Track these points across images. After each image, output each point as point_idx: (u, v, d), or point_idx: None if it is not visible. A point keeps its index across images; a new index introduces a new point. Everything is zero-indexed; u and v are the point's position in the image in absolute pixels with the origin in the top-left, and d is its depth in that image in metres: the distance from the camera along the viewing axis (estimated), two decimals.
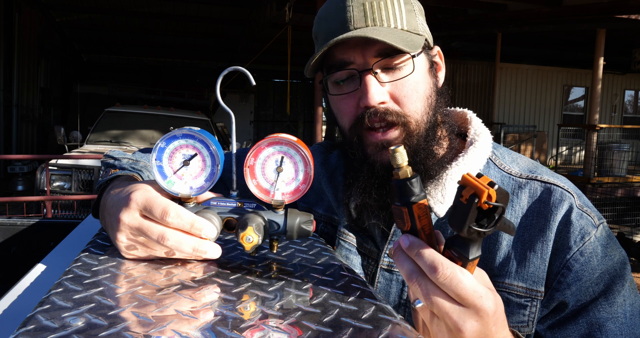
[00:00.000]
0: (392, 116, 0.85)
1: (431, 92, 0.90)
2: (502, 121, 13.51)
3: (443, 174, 0.90)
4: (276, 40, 9.72)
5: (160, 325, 0.50)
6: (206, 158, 0.73)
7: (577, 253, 0.83)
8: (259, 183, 0.73)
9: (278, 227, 0.73)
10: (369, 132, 0.87)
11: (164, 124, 7.44)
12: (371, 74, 0.85)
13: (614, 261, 0.85)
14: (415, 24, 0.88)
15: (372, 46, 0.84)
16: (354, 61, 0.86)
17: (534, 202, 0.88)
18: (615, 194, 9.05)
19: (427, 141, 0.89)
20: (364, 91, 0.84)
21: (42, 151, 11.64)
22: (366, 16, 0.84)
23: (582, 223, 0.85)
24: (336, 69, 0.88)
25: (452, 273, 0.59)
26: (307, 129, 18.43)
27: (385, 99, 0.85)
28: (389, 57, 0.84)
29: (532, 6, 9.11)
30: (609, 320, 0.83)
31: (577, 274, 0.83)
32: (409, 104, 0.86)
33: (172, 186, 0.73)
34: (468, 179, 0.57)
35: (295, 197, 0.73)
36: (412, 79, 0.87)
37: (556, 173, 0.95)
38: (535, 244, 0.85)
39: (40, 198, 5.04)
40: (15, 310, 0.71)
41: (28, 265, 0.91)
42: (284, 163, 0.73)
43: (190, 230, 0.67)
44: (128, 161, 1.02)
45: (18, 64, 10.51)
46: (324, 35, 0.88)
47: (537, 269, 0.85)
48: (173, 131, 0.72)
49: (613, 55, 13.50)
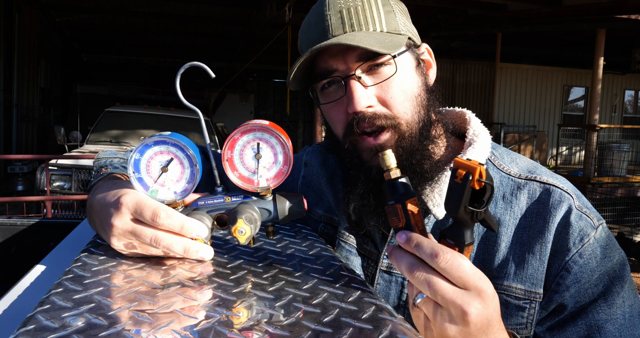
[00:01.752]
0: (381, 120, 0.85)
1: (420, 91, 0.90)
2: (502, 121, 13.50)
3: (441, 176, 0.90)
4: (276, 40, 9.72)
5: (160, 324, 0.50)
6: (183, 160, 0.73)
7: (576, 255, 0.83)
8: (240, 173, 0.73)
9: (270, 213, 0.73)
10: (361, 137, 0.87)
11: (164, 124, 7.44)
12: (355, 79, 0.85)
13: (613, 263, 0.85)
14: (395, 25, 0.88)
15: (353, 51, 0.84)
16: (337, 68, 0.86)
17: (533, 203, 0.88)
18: (615, 194, 9.05)
19: (421, 141, 0.88)
20: (350, 97, 0.85)
21: (42, 151, 11.63)
22: (344, 23, 0.85)
23: (581, 225, 0.84)
24: (321, 78, 0.88)
25: (453, 257, 0.61)
26: (307, 129, 18.41)
27: (372, 102, 0.85)
28: (370, 60, 0.85)
29: (532, 6, 9.10)
30: (608, 322, 0.82)
31: (576, 276, 0.83)
32: (397, 105, 0.86)
33: (156, 194, 0.72)
34: (460, 161, 0.61)
35: (280, 180, 0.73)
36: (398, 79, 0.86)
37: (556, 173, 0.94)
38: (534, 246, 0.85)
39: (40, 198, 5.04)
40: (15, 310, 0.71)
41: (28, 265, 0.91)
42: (261, 149, 0.72)
43: (181, 231, 0.68)
44: (120, 160, 1.02)
45: (18, 64, 10.51)
46: (306, 46, 0.89)
47: (535, 271, 0.84)
48: (144, 141, 0.72)
49: (613, 55, 13.50)
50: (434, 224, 0.91)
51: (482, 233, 0.88)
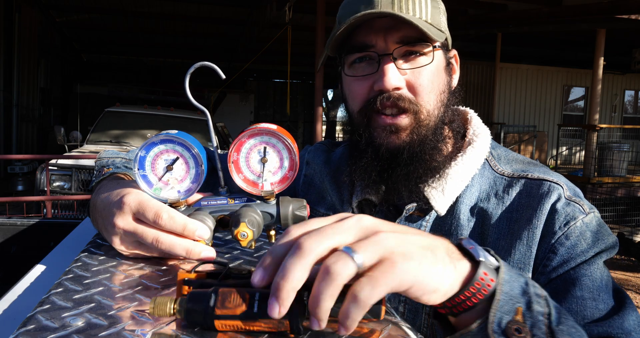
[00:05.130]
0: (405, 103, 0.86)
1: (445, 89, 0.92)
2: (502, 121, 13.50)
3: (443, 173, 0.91)
4: (276, 40, 9.71)
5: (160, 324, 0.50)
6: (189, 159, 0.73)
7: (562, 237, 0.83)
8: (245, 176, 0.73)
9: (272, 217, 0.73)
10: (378, 115, 0.88)
11: (164, 124, 7.44)
12: (391, 59, 0.86)
13: (607, 244, 0.85)
14: (439, 21, 0.90)
15: (396, 31, 0.85)
16: (375, 44, 0.87)
17: (523, 197, 0.89)
18: (615, 194, 9.05)
19: (435, 135, 0.90)
20: (381, 75, 0.85)
21: (42, 151, 11.63)
22: (393, 2, 0.85)
23: (568, 210, 0.85)
24: (356, 51, 0.89)
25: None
26: (307, 129, 18.43)
27: (401, 85, 0.86)
28: (410, 45, 0.86)
29: (532, 6, 9.10)
30: (585, 276, 0.82)
31: (563, 257, 0.83)
32: (424, 94, 0.87)
33: (159, 193, 0.72)
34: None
35: (285, 185, 0.73)
36: (430, 71, 0.88)
37: (554, 171, 0.95)
38: (522, 232, 0.86)
39: (40, 198, 5.04)
40: (15, 310, 0.71)
41: (28, 265, 0.91)
42: (267, 153, 0.72)
43: (183, 232, 0.68)
44: (121, 160, 1.02)
45: (18, 64, 10.50)
46: (348, 17, 0.88)
47: (522, 256, 0.85)
48: (151, 138, 0.72)
49: (613, 55, 13.49)
50: (434, 218, 0.92)
51: (478, 229, 0.90)
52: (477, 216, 0.90)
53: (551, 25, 9.85)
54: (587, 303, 0.80)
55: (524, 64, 14.61)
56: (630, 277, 5.86)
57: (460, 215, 0.90)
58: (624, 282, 5.65)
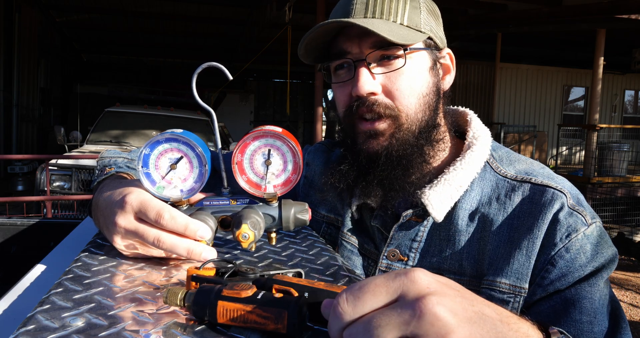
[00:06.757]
0: (380, 108, 0.86)
1: (429, 91, 0.90)
2: (502, 121, 13.50)
3: (441, 178, 0.90)
4: (276, 40, 9.71)
5: (160, 324, 0.50)
6: (192, 159, 0.73)
7: (562, 249, 0.82)
8: (249, 178, 0.73)
9: (273, 220, 0.73)
10: (360, 121, 0.89)
11: (164, 124, 7.44)
12: (364, 64, 0.86)
13: (605, 259, 0.84)
14: (417, 21, 0.88)
15: (369, 37, 0.86)
16: (351, 51, 0.88)
17: (526, 204, 0.87)
18: (615, 194, 9.05)
19: (418, 138, 0.89)
20: (355, 81, 0.87)
21: (42, 151, 11.63)
22: (367, 9, 0.87)
23: (570, 221, 0.83)
24: (335, 58, 0.91)
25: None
26: (307, 129, 18.43)
27: (376, 90, 0.87)
28: (382, 49, 0.86)
29: (532, 6, 9.10)
30: (585, 299, 0.81)
31: (562, 270, 0.82)
32: (401, 98, 0.87)
33: (162, 191, 0.72)
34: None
35: (287, 188, 0.73)
36: (407, 74, 0.87)
37: (556, 173, 0.94)
38: (522, 242, 0.84)
39: (40, 198, 5.04)
40: (15, 310, 0.71)
41: (28, 265, 0.91)
42: (271, 155, 0.73)
43: (185, 232, 0.67)
44: (124, 160, 1.02)
45: (18, 64, 10.50)
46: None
47: (521, 266, 0.84)
48: (156, 136, 0.72)
49: (613, 55, 13.49)
50: (431, 224, 0.91)
51: (478, 234, 0.88)
52: (478, 222, 0.88)
53: (551, 25, 9.84)
54: (584, 327, 0.80)
55: (524, 64, 14.61)
56: (630, 277, 5.87)
57: (458, 221, 0.89)
58: (624, 282, 5.65)
